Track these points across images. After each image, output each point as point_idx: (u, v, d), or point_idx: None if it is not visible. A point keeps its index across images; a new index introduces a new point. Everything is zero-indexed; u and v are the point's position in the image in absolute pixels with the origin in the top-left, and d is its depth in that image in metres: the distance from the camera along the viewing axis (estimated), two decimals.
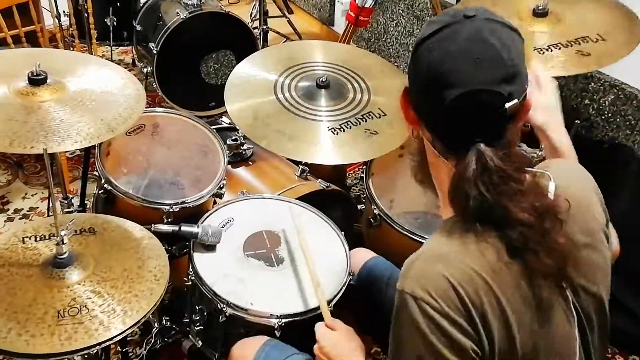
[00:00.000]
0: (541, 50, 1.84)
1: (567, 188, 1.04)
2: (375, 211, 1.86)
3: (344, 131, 1.83)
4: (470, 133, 0.97)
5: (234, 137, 2.14)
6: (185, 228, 1.60)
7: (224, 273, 1.56)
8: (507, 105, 0.96)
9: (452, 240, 1.00)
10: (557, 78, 1.39)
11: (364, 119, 1.88)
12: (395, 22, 3.45)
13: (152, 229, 1.58)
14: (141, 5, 3.00)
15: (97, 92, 1.59)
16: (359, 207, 2.07)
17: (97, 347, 1.24)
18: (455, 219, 1.02)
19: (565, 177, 1.07)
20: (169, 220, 1.77)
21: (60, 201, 1.91)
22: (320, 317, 1.41)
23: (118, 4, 2.99)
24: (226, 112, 1.93)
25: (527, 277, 0.98)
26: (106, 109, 1.54)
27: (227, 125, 2.30)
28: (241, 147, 2.14)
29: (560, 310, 1.02)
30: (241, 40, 2.78)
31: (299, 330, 1.49)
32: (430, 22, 1.01)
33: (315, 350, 1.30)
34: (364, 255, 1.68)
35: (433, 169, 1.10)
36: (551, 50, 1.84)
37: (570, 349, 1.03)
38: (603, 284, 1.09)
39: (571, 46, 1.84)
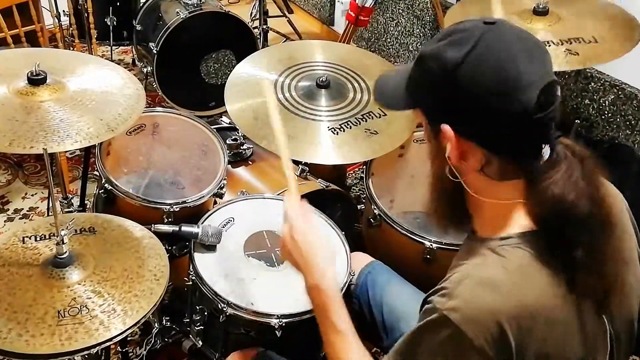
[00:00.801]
0: None
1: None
2: (375, 211, 1.85)
3: (344, 131, 1.83)
4: (548, 131, 0.94)
5: (234, 137, 2.14)
6: (185, 228, 1.60)
7: (225, 273, 1.56)
8: (558, 92, 0.95)
9: (509, 266, 0.94)
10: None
11: (364, 119, 1.88)
12: (395, 22, 3.45)
13: (153, 229, 1.58)
14: (141, 4, 3.00)
15: (97, 91, 1.59)
16: (359, 207, 2.07)
17: (98, 347, 1.24)
18: (517, 240, 0.97)
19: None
20: (169, 220, 1.77)
21: (60, 201, 1.91)
22: None
23: (118, 4, 2.99)
24: (226, 111, 1.93)
25: (577, 307, 0.95)
26: (106, 108, 1.54)
27: (227, 125, 2.30)
28: (241, 147, 2.14)
29: (599, 339, 1.00)
30: (241, 40, 2.78)
31: (299, 330, 1.49)
32: (452, 43, 0.94)
33: (284, 232, 1.18)
34: (362, 260, 1.68)
35: (476, 199, 1.03)
36: None
37: None
38: (635, 306, 1.07)
39: (562, 44, 1.85)
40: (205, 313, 1.58)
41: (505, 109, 0.91)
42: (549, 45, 1.85)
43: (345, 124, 1.85)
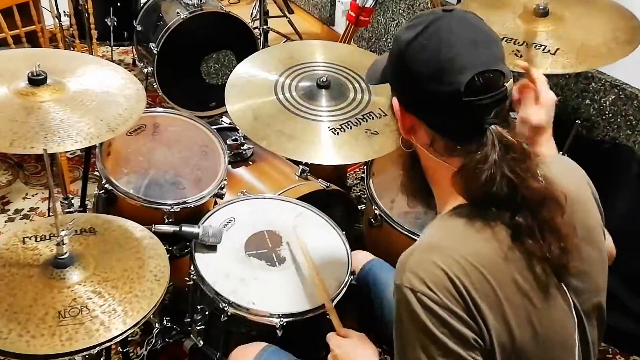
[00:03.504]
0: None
1: (563, 182, 1.04)
2: (376, 211, 1.85)
3: (344, 131, 1.83)
4: (482, 117, 0.98)
5: (234, 137, 2.14)
6: (186, 228, 1.60)
7: (226, 273, 1.56)
8: (507, 84, 0.99)
9: (450, 231, 1.01)
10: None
11: (364, 119, 1.88)
12: (395, 22, 3.45)
13: (153, 229, 1.58)
14: (141, 5, 3.00)
15: (97, 92, 1.59)
16: (359, 207, 2.07)
17: (98, 347, 1.24)
18: (455, 211, 1.03)
19: (560, 172, 1.08)
20: (170, 220, 1.77)
21: (60, 201, 1.91)
22: (322, 316, 1.41)
23: (118, 4, 2.99)
24: (226, 112, 1.93)
25: (527, 267, 0.99)
26: (106, 109, 1.54)
27: (228, 125, 2.30)
28: (241, 147, 2.14)
29: (559, 307, 1.03)
30: (241, 40, 2.78)
31: (300, 330, 1.49)
32: (410, 26, 1.03)
33: (329, 359, 1.31)
34: (362, 258, 1.68)
35: (431, 173, 1.10)
36: (507, 41, 1.84)
37: (569, 344, 1.04)
38: (600, 280, 1.10)
39: (531, 47, 1.82)
40: (206, 313, 1.58)
41: (438, 88, 0.98)
42: (541, 48, 1.83)
43: (346, 124, 1.85)
